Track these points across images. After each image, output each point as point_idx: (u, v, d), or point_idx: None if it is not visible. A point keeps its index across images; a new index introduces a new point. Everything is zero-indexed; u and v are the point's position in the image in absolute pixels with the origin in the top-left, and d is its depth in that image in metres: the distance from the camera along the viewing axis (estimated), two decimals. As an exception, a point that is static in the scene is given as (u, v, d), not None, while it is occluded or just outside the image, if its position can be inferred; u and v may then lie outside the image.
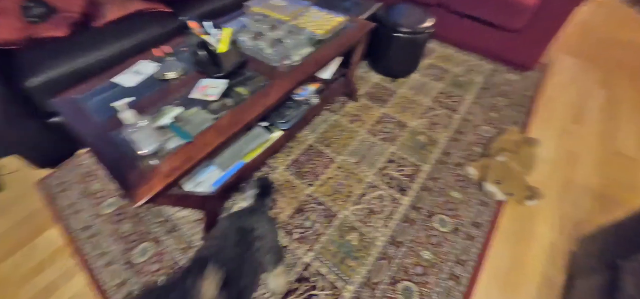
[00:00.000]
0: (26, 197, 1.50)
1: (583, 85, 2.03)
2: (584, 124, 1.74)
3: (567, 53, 2.31)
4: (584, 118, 1.78)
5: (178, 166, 0.88)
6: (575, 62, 2.24)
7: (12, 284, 1.22)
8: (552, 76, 2.09)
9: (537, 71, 2.09)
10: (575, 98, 1.92)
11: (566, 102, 1.88)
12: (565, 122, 1.74)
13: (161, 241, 1.26)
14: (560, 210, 1.33)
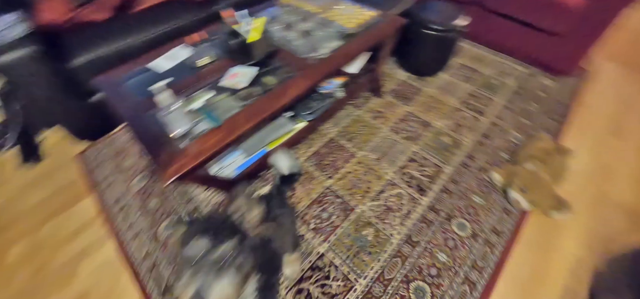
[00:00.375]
0: (65, 167, 1.63)
1: (626, 95, 1.91)
2: (623, 137, 1.65)
3: (611, 60, 2.17)
4: (623, 131, 1.68)
5: (206, 149, 0.93)
6: (620, 70, 2.10)
7: (50, 247, 1.35)
8: (592, 83, 1.98)
9: (576, 77, 1.99)
10: (615, 109, 1.81)
11: (605, 113, 1.78)
12: (602, 134, 1.66)
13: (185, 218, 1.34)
14: (590, 225, 1.28)
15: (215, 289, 0.50)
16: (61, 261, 1.30)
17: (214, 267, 0.52)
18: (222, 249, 0.54)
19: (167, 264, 1.21)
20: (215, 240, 0.55)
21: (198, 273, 0.51)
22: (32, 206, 1.50)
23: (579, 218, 1.29)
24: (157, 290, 1.14)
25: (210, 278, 0.50)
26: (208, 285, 0.50)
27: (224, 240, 0.55)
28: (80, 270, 1.26)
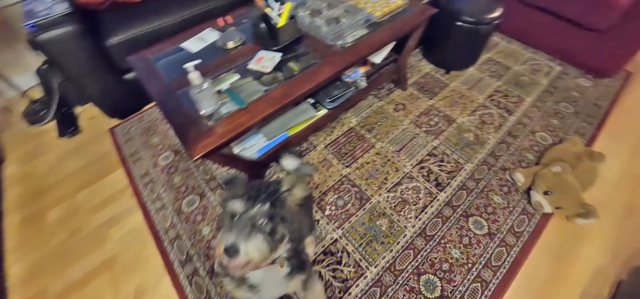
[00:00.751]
0: (99, 141, 1.76)
1: (674, 101, 1.79)
2: None
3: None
4: None
5: (231, 130, 0.99)
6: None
7: (84, 213, 1.47)
8: (634, 87, 1.86)
9: (617, 79, 1.88)
10: (660, 115, 1.71)
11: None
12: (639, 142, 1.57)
13: (206, 196, 1.42)
14: (615, 235, 1.23)
15: (247, 244, 0.57)
16: (94, 226, 1.42)
17: (247, 226, 0.59)
18: (255, 211, 0.61)
19: (189, 237, 1.29)
20: (250, 203, 0.61)
21: (233, 229, 0.58)
22: (69, 174, 1.63)
23: (604, 226, 1.25)
24: (178, 259, 1.23)
25: (243, 234, 0.58)
26: (241, 240, 0.57)
27: (257, 204, 0.61)
28: (110, 235, 1.38)
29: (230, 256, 0.57)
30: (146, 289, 1.20)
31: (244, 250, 0.57)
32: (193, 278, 1.18)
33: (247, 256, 0.58)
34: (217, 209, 1.37)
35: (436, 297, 1.07)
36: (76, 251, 1.34)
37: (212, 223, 1.33)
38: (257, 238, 0.59)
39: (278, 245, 0.65)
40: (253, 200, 0.62)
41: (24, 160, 1.72)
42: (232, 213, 0.62)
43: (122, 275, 1.25)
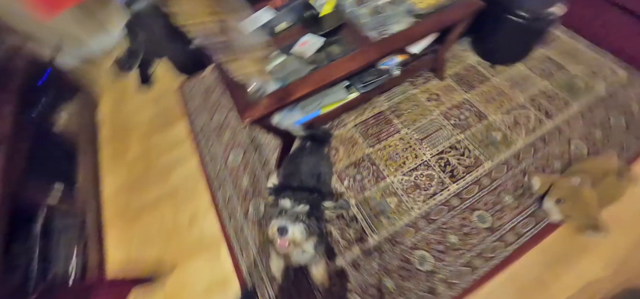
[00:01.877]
0: (169, 94, 2.18)
1: None
2: None
3: None
4: None
5: (272, 104, 1.23)
6: None
7: (155, 153, 1.90)
8: None
9: (694, 94, 1.72)
10: None
11: None
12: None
13: (248, 152, 1.74)
14: (623, 256, 1.26)
15: (293, 228, 0.87)
16: (162, 165, 1.84)
17: (292, 217, 0.89)
18: (299, 209, 0.91)
19: (232, 183, 1.64)
20: (296, 203, 0.91)
21: (283, 217, 0.89)
22: (146, 120, 2.08)
23: (613, 245, 1.28)
24: (222, 200, 1.58)
25: (290, 222, 0.88)
26: (290, 225, 0.88)
27: (300, 204, 0.91)
28: (173, 173, 1.79)
29: (281, 234, 0.87)
30: (197, 218, 1.59)
31: (291, 231, 0.87)
32: (231, 216, 1.52)
33: (293, 236, 0.87)
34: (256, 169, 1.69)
35: (426, 270, 1.27)
36: (149, 181, 1.78)
37: (251, 175, 1.65)
38: (299, 225, 0.88)
39: (311, 235, 0.94)
40: (297, 201, 0.91)
41: (112, 105, 2.22)
42: (281, 208, 0.92)
43: (180, 204, 1.65)
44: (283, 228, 0.86)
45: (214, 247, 1.48)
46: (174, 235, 1.57)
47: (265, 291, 1.31)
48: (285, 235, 0.86)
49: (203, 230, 1.55)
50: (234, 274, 1.39)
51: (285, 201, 0.92)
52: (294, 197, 0.93)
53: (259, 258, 1.39)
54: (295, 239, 0.88)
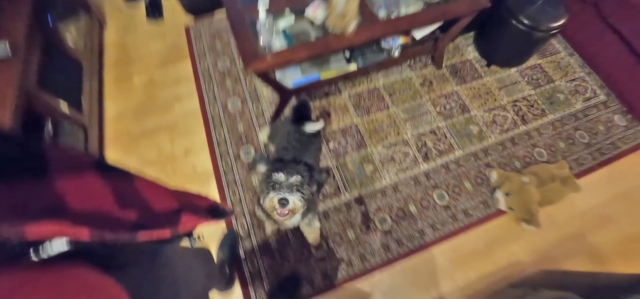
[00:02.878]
0: (176, 32, 2.36)
1: None
2: None
3: None
4: None
5: (277, 60, 1.45)
6: None
7: (158, 85, 2.12)
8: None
9: (657, 128, 1.98)
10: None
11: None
12: (632, 189, 1.79)
13: (246, 103, 1.98)
14: (548, 248, 1.59)
15: (292, 197, 1.00)
16: (164, 97, 2.07)
17: (289, 188, 1.01)
18: (292, 180, 1.03)
19: (227, 128, 1.88)
20: (289, 174, 1.03)
21: (280, 190, 1.00)
22: (151, 52, 2.27)
23: (542, 237, 1.61)
24: (216, 139, 1.84)
25: (288, 193, 1.00)
26: (289, 196, 0.99)
27: (293, 175, 1.03)
28: (174, 108, 2.02)
29: (282, 205, 0.99)
30: (192, 151, 1.85)
31: (291, 201, 0.99)
32: (224, 156, 1.79)
33: (293, 206, 1.00)
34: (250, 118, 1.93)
35: (384, 229, 1.58)
36: (150, 110, 2.01)
37: (246, 123, 1.90)
38: (297, 195, 1.01)
39: (307, 201, 1.07)
40: (289, 173, 1.02)
41: (119, 30, 2.39)
42: (276, 181, 1.02)
43: (178, 136, 1.90)
44: (284, 199, 0.96)
45: (204, 180, 1.76)
46: (169, 162, 1.83)
47: (245, 224, 1.60)
48: (286, 205, 0.98)
49: (196, 163, 1.82)
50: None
51: (279, 175, 1.00)
52: (286, 169, 1.02)
53: (243, 196, 1.67)
54: (296, 208, 1.00)
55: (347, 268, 1.50)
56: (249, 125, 1.90)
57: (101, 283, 0.42)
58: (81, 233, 0.33)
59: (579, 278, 1.19)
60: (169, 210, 0.50)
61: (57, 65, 1.80)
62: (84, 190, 0.37)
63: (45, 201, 0.33)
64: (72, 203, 0.34)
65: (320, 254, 1.54)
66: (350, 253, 1.53)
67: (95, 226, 0.34)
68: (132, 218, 0.40)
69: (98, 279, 0.42)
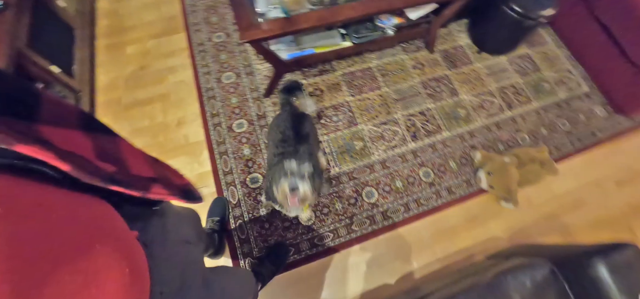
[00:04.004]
0: (171, 3, 2.34)
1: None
2: (623, 189, 1.87)
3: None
4: (629, 185, 1.88)
5: (273, 30, 1.47)
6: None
7: (152, 56, 2.12)
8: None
9: (633, 121, 2.08)
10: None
11: (629, 165, 1.95)
12: (606, 177, 1.89)
13: (241, 76, 2.00)
14: (523, 227, 1.69)
15: (303, 185, 1.04)
16: (157, 68, 2.07)
17: (300, 176, 1.05)
18: (304, 168, 1.07)
19: (221, 100, 1.90)
20: (299, 163, 1.07)
21: (293, 178, 1.04)
22: (145, 23, 2.26)
23: (519, 216, 1.70)
24: (210, 112, 1.86)
25: (299, 181, 1.04)
26: (300, 184, 1.04)
27: (305, 163, 1.07)
28: (167, 79, 2.03)
29: (293, 192, 1.02)
30: (185, 122, 1.87)
31: (301, 189, 1.03)
32: (216, 127, 1.81)
33: (303, 194, 1.03)
34: (245, 92, 1.96)
35: (371, 202, 1.65)
36: (143, 80, 2.02)
37: (240, 97, 1.92)
38: (308, 183, 1.05)
39: (315, 190, 1.12)
40: (301, 161, 1.06)
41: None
42: (288, 169, 1.06)
43: (170, 107, 1.92)
44: (295, 187, 1.00)
45: (196, 149, 1.79)
46: (161, 132, 1.85)
47: (235, 193, 1.64)
48: (297, 193, 1.02)
49: (189, 133, 1.84)
50: (211, 176, 1.71)
51: (290, 163, 1.03)
52: (297, 158, 1.05)
53: (235, 166, 1.71)
54: (306, 196, 1.04)
55: (334, 238, 1.57)
56: (243, 99, 1.92)
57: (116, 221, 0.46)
58: (63, 166, 0.35)
59: (549, 248, 1.28)
60: (144, 176, 0.52)
61: (48, 27, 1.79)
62: (68, 137, 0.40)
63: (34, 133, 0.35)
64: (57, 142, 0.37)
65: (307, 223, 1.60)
66: (337, 224, 1.60)
67: (76, 165, 0.37)
68: (108, 171, 0.44)
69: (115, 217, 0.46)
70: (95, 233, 0.39)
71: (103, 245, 0.38)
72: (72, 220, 0.37)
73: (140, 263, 0.47)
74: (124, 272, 0.40)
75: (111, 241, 0.41)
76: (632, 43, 1.92)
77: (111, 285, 0.38)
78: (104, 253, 0.38)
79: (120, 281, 0.39)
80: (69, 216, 0.37)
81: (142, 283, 0.46)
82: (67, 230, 0.35)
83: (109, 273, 0.38)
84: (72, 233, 0.36)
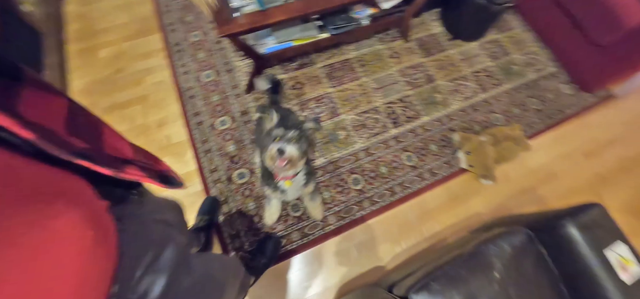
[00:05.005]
0: (143, 4, 2.30)
1: (630, 133, 2.17)
2: (591, 160, 2.01)
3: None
4: (596, 157, 2.03)
5: (250, 23, 1.49)
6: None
7: (127, 58, 2.08)
8: (607, 109, 2.23)
9: (596, 97, 2.24)
10: (608, 136, 2.12)
11: (595, 137, 2.10)
12: (574, 150, 2.03)
13: (221, 74, 2.00)
14: (502, 201, 1.79)
15: (289, 148, 1.07)
16: (134, 70, 2.04)
17: (286, 140, 1.08)
18: (290, 134, 1.10)
19: (202, 98, 1.90)
20: (287, 128, 1.10)
21: (279, 142, 1.08)
22: (118, 25, 2.21)
23: (498, 193, 1.80)
24: (191, 111, 1.85)
25: (285, 144, 1.08)
26: (286, 146, 1.07)
27: (291, 129, 1.10)
28: (145, 80, 2.00)
29: (280, 155, 1.07)
30: (166, 123, 1.85)
31: (288, 151, 1.07)
32: (199, 126, 1.81)
33: (290, 156, 1.07)
34: (227, 91, 1.96)
35: (357, 189, 1.70)
36: (120, 83, 1.98)
37: (221, 94, 1.92)
38: (293, 146, 1.08)
39: (303, 155, 1.15)
40: (287, 128, 1.10)
41: (82, 2, 2.29)
42: (275, 135, 1.10)
43: (151, 109, 1.90)
44: (281, 149, 1.05)
45: (180, 149, 1.78)
46: (142, 134, 1.83)
47: (223, 190, 1.65)
48: (284, 154, 1.06)
49: (171, 134, 1.83)
50: (197, 175, 1.71)
51: (278, 130, 1.08)
52: (285, 125, 1.10)
53: (221, 163, 1.71)
54: (292, 157, 1.08)
55: (324, 226, 1.60)
56: (225, 96, 1.92)
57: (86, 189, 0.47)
58: (27, 134, 0.37)
59: (525, 217, 1.37)
60: (118, 157, 0.54)
61: (13, 33, 1.73)
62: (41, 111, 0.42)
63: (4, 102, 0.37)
64: (25, 112, 0.39)
65: (297, 214, 1.62)
66: (327, 212, 1.63)
67: (41, 135, 0.38)
68: (77, 146, 0.45)
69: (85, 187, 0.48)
70: (59, 193, 0.41)
71: (66, 205, 0.40)
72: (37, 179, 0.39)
73: (107, 232, 0.48)
74: (86, 235, 0.41)
75: (76, 205, 0.42)
76: (592, 24, 2.06)
77: (71, 246, 0.39)
78: (66, 213, 0.39)
79: (80, 243, 0.41)
80: (34, 176, 0.39)
81: (107, 251, 0.46)
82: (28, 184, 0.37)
83: (69, 233, 0.39)
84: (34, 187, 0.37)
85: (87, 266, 0.41)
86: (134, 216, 0.60)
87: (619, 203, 1.86)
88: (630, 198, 1.90)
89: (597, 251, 1.05)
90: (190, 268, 0.69)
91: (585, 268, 1.08)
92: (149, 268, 0.55)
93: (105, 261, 0.46)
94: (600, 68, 2.14)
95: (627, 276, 1.03)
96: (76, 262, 0.39)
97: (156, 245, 0.60)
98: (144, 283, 0.54)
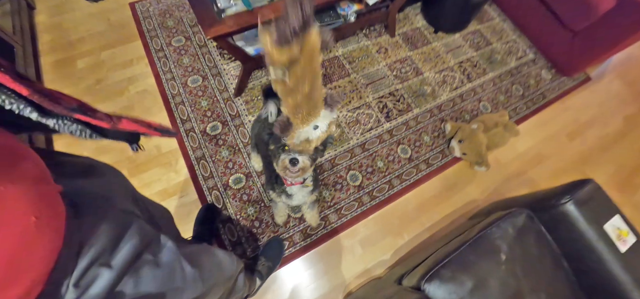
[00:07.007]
0: (120, 11, 2.22)
1: (607, 112, 2.29)
2: (574, 141, 2.11)
3: (621, 79, 2.48)
4: (578, 137, 2.13)
5: (237, 24, 1.47)
6: (622, 90, 2.43)
7: (107, 68, 2.00)
8: (585, 91, 2.35)
9: (575, 80, 2.35)
10: (587, 118, 2.23)
11: (576, 118, 2.21)
12: (558, 132, 2.12)
13: (207, 78, 1.96)
14: (496, 186, 1.85)
15: (302, 158, 1.05)
16: (115, 80, 1.96)
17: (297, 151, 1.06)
18: None
19: (190, 105, 1.85)
20: None
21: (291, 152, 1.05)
22: (94, 34, 2.12)
23: (492, 179, 1.86)
24: (180, 118, 1.80)
25: (297, 154, 1.05)
26: (298, 156, 1.05)
27: None
28: (128, 90, 1.93)
29: (293, 164, 1.06)
30: (155, 132, 1.79)
31: (301, 161, 1.05)
32: (190, 133, 1.76)
33: (302, 165, 1.07)
34: (215, 94, 1.92)
35: (356, 184, 1.70)
36: (101, 95, 1.90)
37: (209, 99, 1.88)
38: (304, 156, 1.06)
39: (313, 161, 1.14)
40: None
41: (52, 12, 2.19)
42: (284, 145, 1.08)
43: (137, 119, 1.83)
44: (294, 159, 1.05)
45: (172, 158, 1.73)
46: (130, 146, 1.76)
47: (219, 198, 1.62)
48: (297, 164, 1.06)
49: (160, 143, 1.77)
50: (190, 183, 1.66)
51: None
52: None
53: (215, 170, 1.68)
54: (305, 166, 1.08)
55: (325, 225, 1.60)
56: (213, 101, 1.88)
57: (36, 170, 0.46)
58: (21, 89, 0.36)
59: (523, 198, 1.42)
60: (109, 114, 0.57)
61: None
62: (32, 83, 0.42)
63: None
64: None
65: (298, 215, 1.61)
66: (327, 211, 1.63)
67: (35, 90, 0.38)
68: (73, 103, 0.46)
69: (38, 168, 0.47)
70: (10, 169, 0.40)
71: (7, 187, 0.38)
72: None
73: (54, 217, 0.46)
74: (28, 220, 0.40)
75: (21, 187, 0.41)
76: (565, 11, 2.17)
77: (9, 227, 0.38)
78: (7, 195, 0.38)
79: (20, 227, 0.40)
80: None
81: (51, 236, 0.45)
82: None
83: (8, 215, 0.38)
84: None
85: (22, 247, 0.40)
86: (94, 204, 0.58)
87: (603, 179, 1.96)
88: (613, 173, 2.01)
89: (596, 224, 1.10)
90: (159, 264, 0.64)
91: (584, 241, 1.13)
92: (97, 261, 0.52)
93: (47, 245, 0.44)
94: (576, 53, 2.24)
95: (624, 247, 1.09)
96: (11, 240, 0.38)
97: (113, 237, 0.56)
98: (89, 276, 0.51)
